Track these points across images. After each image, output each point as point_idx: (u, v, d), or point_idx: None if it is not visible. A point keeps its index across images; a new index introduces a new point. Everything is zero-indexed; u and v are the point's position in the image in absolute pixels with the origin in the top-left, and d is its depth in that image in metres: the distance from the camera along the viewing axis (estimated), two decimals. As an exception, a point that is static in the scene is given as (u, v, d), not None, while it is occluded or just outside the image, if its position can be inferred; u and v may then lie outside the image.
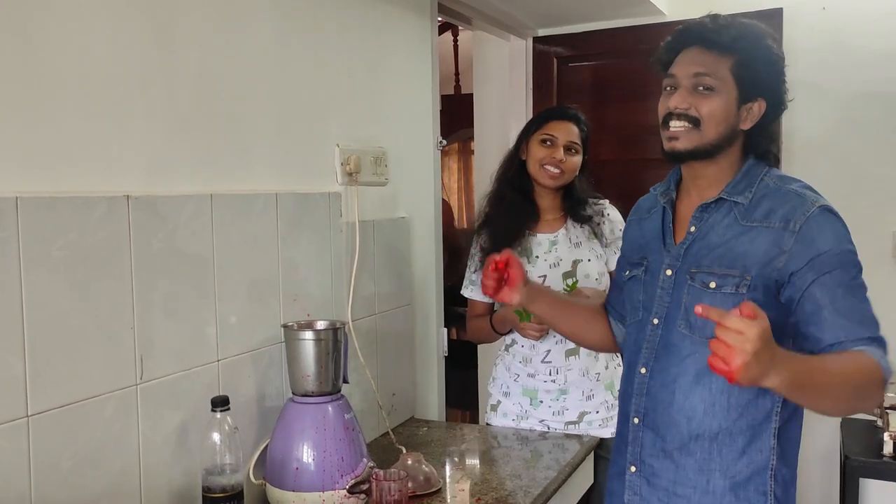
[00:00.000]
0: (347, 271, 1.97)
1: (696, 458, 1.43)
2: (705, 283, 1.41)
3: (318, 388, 1.62)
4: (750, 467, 1.41)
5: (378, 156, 2.14)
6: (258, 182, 1.72)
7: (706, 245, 1.44)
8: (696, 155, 1.43)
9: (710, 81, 1.40)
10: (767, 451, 1.41)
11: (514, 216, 2.21)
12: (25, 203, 1.20)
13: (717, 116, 1.40)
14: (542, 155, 2.17)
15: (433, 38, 2.51)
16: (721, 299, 1.38)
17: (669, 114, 1.43)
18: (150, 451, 1.43)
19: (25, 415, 1.21)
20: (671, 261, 1.48)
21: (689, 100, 1.41)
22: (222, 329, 1.60)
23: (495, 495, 1.72)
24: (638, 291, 1.54)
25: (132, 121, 1.42)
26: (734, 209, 1.42)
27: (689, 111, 1.41)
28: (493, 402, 2.32)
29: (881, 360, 1.28)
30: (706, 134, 1.41)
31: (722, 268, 1.40)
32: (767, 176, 1.44)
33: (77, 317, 1.29)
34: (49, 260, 1.24)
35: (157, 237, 1.44)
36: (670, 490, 1.46)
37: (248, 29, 1.70)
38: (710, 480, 1.43)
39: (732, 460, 1.41)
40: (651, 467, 1.49)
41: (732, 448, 1.41)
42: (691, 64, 1.42)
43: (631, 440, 1.52)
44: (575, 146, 2.20)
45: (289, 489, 1.57)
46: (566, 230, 2.22)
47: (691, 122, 1.41)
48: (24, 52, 1.23)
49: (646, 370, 1.49)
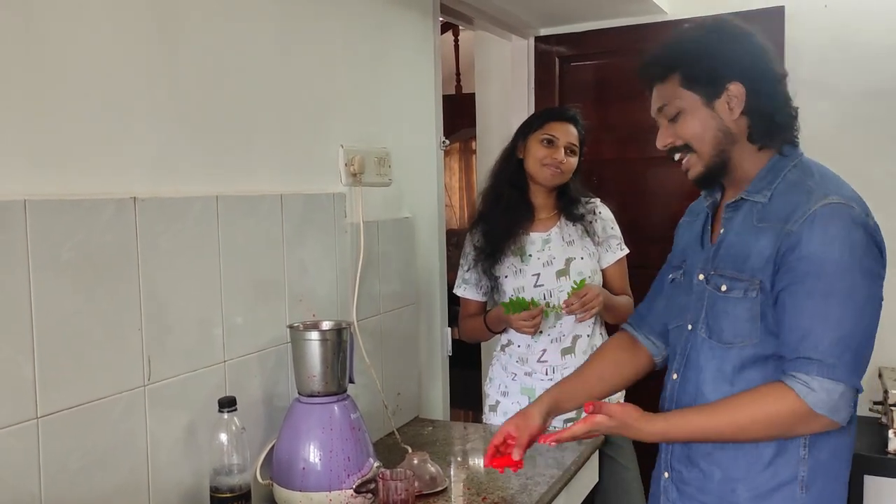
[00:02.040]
0: (352, 272, 1.98)
1: (722, 467, 1.40)
2: (718, 287, 1.39)
3: (324, 389, 1.62)
4: (775, 479, 1.36)
5: (382, 156, 2.14)
6: (263, 183, 1.73)
7: (726, 246, 1.41)
8: (714, 173, 1.41)
9: (669, 110, 1.40)
10: (795, 464, 1.35)
11: (510, 215, 2.22)
12: (34, 206, 1.21)
13: (697, 133, 1.38)
14: (542, 154, 2.18)
15: (435, 38, 2.52)
16: (733, 304, 1.36)
17: (668, 150, 1.44)
18: (159, 451, 1.44)
19: (35, 416, 1.22)
20: (703, 264, 1.45)
21: (669, 133, 1.41)
22: (229, 330, 1.60)
23: (501, 494, 1.72)
24: (679, 295, 1.52)
25: (138, 123, 1.42)
26: (753, 209, 1.38)
27: (675, 143, 1.41)
28: (492, 402, 2.32)
29: (808, 394, 1.23)
30: (703, 152, 1.39)
31: (734, 270, 1.37)
32: (792, 171, 1.37)
33: (85, 318, 1.30)
34: (57, 262, 1.25)
35: (163, 238, 1.45)
36: (698, 498, 1.44)
37: (252, 31, 1.70)
38: (734, 490, 1.39)
39: (758, 471, 1.36)
40: (680, 474, 1.47)
41: (758, 460, 1.36)
42: (654, 102, 1.44)
43: (663, 446, 1.52)
44: (573, 147, 2.21)
45: (296, 489, 1.57)
46: (559, 228, 2.23)
47: (685, 149, 1.41)
48: (31, 55, 1.23)
49: (677, 375, 1.48)
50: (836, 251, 1.25)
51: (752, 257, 1.34)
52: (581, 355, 2.18)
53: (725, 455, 1.39)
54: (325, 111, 1.95)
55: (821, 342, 1.24)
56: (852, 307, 1.25)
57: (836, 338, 1.24)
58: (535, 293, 2.19)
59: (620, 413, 1.37)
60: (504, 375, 2.28)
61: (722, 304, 1.37)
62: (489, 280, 2.25)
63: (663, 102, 1.41)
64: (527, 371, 2.22)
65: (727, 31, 1.40)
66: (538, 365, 2.20)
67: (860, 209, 1.30)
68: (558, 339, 2.18)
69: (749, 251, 1.35)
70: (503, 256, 2.21)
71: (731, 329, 1.36)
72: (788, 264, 1.28)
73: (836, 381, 1.23)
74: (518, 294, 2.18)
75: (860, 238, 1.27)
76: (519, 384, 2.24)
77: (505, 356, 2.28)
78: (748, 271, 1.34)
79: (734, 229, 1.40)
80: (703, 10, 3.06)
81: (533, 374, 2.22)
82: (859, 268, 1.26)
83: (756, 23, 1.49)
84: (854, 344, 1.25)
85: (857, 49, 3.00)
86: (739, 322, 1.35)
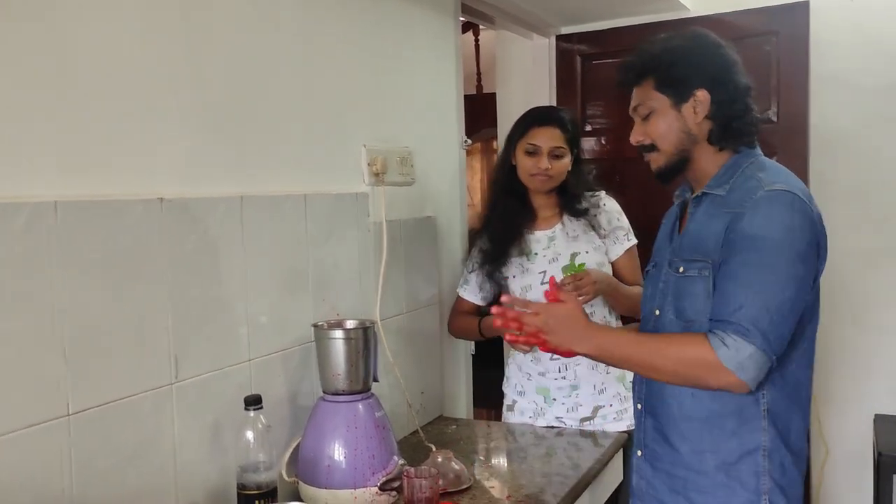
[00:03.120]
0: (375, 271, 1.99)
1: (690, 440, 1.50)
2: (677, 269, 1.51)
3: (348, 387, 1.63)
4: (740, 448, 1.46)
5: (404, 156, 2.15)
6: (287, 183, 1.74)
7: (688, 235, 1.53)
8: (670, 169, 1.54)
9: (642, 110, 1.54)
10: (759, 433, 1.46)
11: (509, 221, 2.22)
12: (63, 207, 1.23)
13: (662, 133, 1.52)
14: (528, 165, 2.18)
15: (457, 38, 2.52)
16: (690, 283, 1.47)
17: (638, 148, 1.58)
18: (186, 449, 1.46)
19: (66, 414, 1.24)
20: (671, 255, 1.56)
21: (640, 131, 1.55)
22: (253, 329, 1.62)
23: (525, 492, 1.72)
24: (648, 286, 1.64)
25: (164, 125, 1.44)
26: (714, 201, 1.49)
27: (643, 141, 1.55)
28: (509, 402, 2.32)
29: (720, 347, 1.34)
30: (664, 151, 1.53)
31: (693, 254, 1.48)
32: (750, 167, 1.49)
33: (113, 317, 1.32)
34: (86, 262, 1.27)
35: (189, 239, 1.46)
36: (670, 472, 1.54)
37: (276, 33, 1.72)
38: (702, 461, 1.49)
39: (723, 441, 1.47)
40: (654, 451, 1.58)
41: (723, 430, 1.47)
42: (630, 102, 1.58)
43: (636, 425, 1.65)
44: (559, 150, 2.17)
45: (321, 486, 1.58)
46: (562, 225, 2.23)
47: (650, 149, 1.55)
48: (61, 60, 1.25)
49: None
50: (773, 230, 1.37)
51: (708, 240, 1.45)
52: None
53: (692, 428, 1.50)
54: (347, 111, 1.96)
55: (742, 308, 1.35)
56: (777, 281, 1.36)
57: (756, 306, 1.35)
58: (541, 290, 2.18)
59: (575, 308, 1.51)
60: (520, 375, 2.28)
61: (682, 285, 1.49)
62: (494, 284, 2.24)
63: (638, 102, 1.55)
64: (540, 371, 2.22)
65: (701, 42, 1.53)
66: (551, 363, 2.20)
67: (804, 197, 1.41)
68: None
69: (707, 235, 1.46)
70: (508, 259, 2.21)
71: (692, 307, 1.46)
72: (729, 241, 1.40)
73: (747, 342, 1.34)
74: (525, 292, 2.19)
75: (798, 222, 1.38)
76: (534, 384, 2.24)
77: (520, 356, 2.27)
78: (703, 252, 1.46)
79: (696, 220, 1.52)
80: (725, 7, 3.05)
81: (546, 374, 2.21)
82: (791, 248, 1.37)
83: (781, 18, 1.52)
84: (771, 314, 1.35)
85: (882, 44, 2.96)
86: (699, 300, 1.45)
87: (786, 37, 2.94)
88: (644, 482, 1.61)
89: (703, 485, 1.50)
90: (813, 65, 2.98)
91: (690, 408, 1.49)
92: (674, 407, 1.52)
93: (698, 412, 1.49)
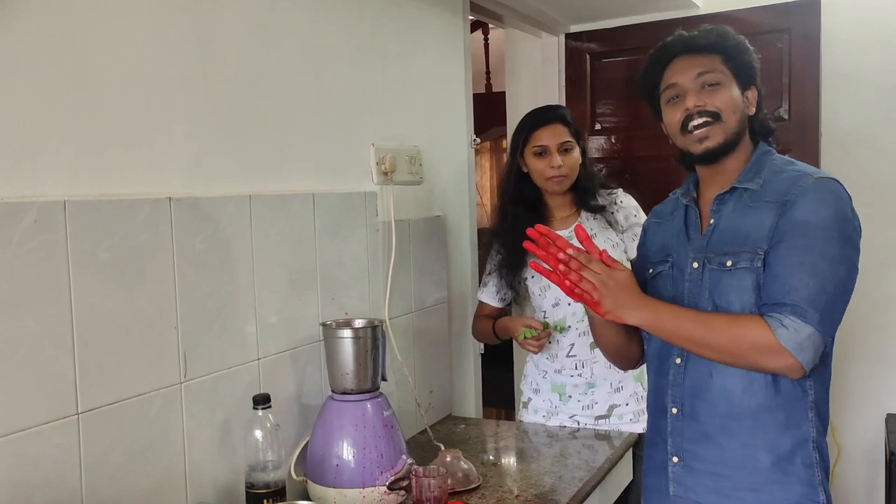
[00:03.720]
0: (384, 270, 1.99)
1: (739, 437, 1.45)
2: (722, 264, 1.45)
3: (356, 386, 1.63)
4: (792, 440, 1.43)
5: (413, 155, 2.15)
6: (295, 182, 1.75)
7: (722, 231, 1.49)
8: (727, 148, 1.48)
9: (713, 77, 1.48)
10: (807, 424, 1.44)
11: (520, 228, 2.21)
12: (73, 206, 1.23)
13: (731, 105, 1.47)
14: (541, 167, 2.17)
15: (466, 37, 2.52)
16: (739, 276, 1.43)
17: (688, 116, 1.48)
18: (195, 447, 1.46)
19: (76, 412, 1.24)
20: (695, 253, 1.51)
21: (703, 96, 1.47)
22: (262, 328, 1.62)
23: (535, 492, 1.72)
24: (666, 287, 1.56)
25: (174, 125, 1.44)
26: (744, 195, 1.47)
27: (706, 107, 1.47)
28: (525, 399, 2.32)
29: (778, 328, 1.33)
30: (728, 124, 1.47)
31: (735, 247, 1.44)
32: (776, 161, 1.50)
33: (123, 316, 1.32)
34: (96, 261, 1.27)
35: (198, 238, 1.47)
36: (715, 472, 1.48)
37: (284, 33, 1.72)
38: (755, 457, 1.44)
39: (776, 435, 1.43)
40: (693, 453, 1.50)
41: (775, 423, 1.43)
42: (690, 67, 1.50)
43: (670, 431, 1.54)
44: (568, 144, 2.18)
45: (329, 486, 1.59)
46: (580, 223, 2.22)
47: (712, 117, 1.47)
48: (71, 60, 1.26)
49: (681, 360, 1.51)
50: (822, 215, 1.37)
51: (753, 231, 1.43)
52: None
53: (743, 426, 1.45)
54: (356, 110, 1.96)
55: (797, 290, 1.35)
56: (831, 264, 1.36)
57: (811, 287, 1.34)
58: (557, 291, 2.18)
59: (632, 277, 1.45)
60: (536, 373, 2.28)
61: (728, 279, 1.44)
62: (512, 289, 2.25)
63: (706, 69, 1.48)
64: (556, 368, 2.22)
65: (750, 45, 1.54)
66: (567, 360, 2.19)
67: (846, 190, 1.42)
68: (586, 333, 2.17)
69: (747, 228, 1.44)
70: (524, 264, 2.21)
71: (738, 300, 1.43)
72: (780, 228, 1.39)
73: (805, 323, 1.33)
74: (544, 292, 2.18)
75: (847, 209, 1.40)
76: (549, 382, 2.24)
77: (538, 354, 2.27)
78: (750, 244, 1.42)
79: (727, 216, 1.49)
80: (736, 4, 3.03)
81: (562, 371, 2.21)
82: (840, 233, 1.37)
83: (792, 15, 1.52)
84: (827, 296, 1.35)
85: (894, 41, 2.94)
86: (746, 292, 1.42)
87: (797, 34, 2.92)
88: (683, 488, 1.52)
89: (756, 482, 1.44)
90: (824, 62, 2.96)
91: (740, 404, 1.44)
92: (721, 405, 1.46)
93: (748, 407, 1.44)
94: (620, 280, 1.44)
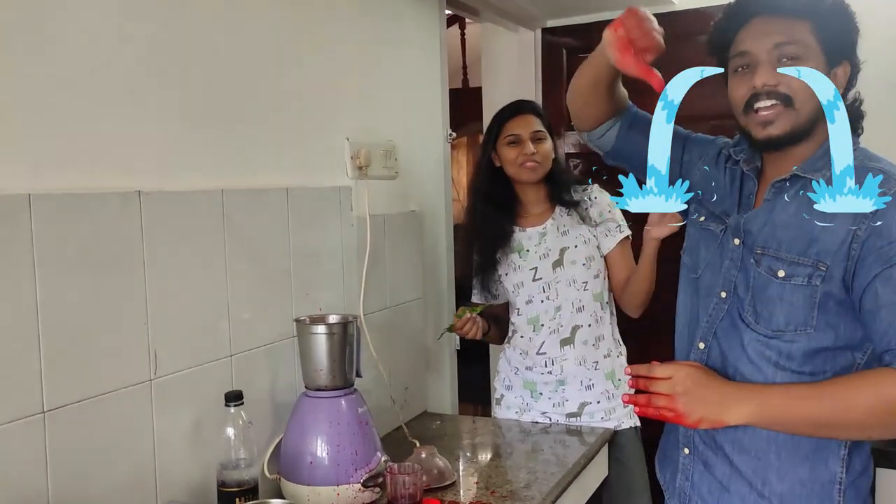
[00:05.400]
0: (359, 265, 1.97)
1: (751, 456, 1.30)
2: (773, 271, 1.26)
3: (331, 383, 1.62)
4: (813, 476, 1.26)
5: (388, 149, 2.13)
6: (269, 177, 1.72)
7: (774, 224, 1.27)
8: (794, 138, 1.26)
9: (794, 50, 1.22)
10: (836, 463, 1.26)
11: (489, 224, 2.21)
12: (38, 200, 1.20)
13: (809, 89, 1.14)
14: (513, 155, 2.16)
15: (442, 31, 2.51)
16: (791, 291, 1.23)
17: (755, 95, 1.24)
18: (165, 445, 1.44)
19: (41, 410, 1.21)
20: (735, 231, 1.32)
21: (777, 75, 1.21)
22: (235, 324, 1.60)
23: (510, 488, 1.71)
24: (710, 249, 1.37)
25: (143, 116, 1.42)
26: (809, 187, 1.21)
27: (778, 88, 1.23)
28: (497, 395, 2.32)
29: None
30: (801, 111, 1.23)
31: (792, 253, 1.24)
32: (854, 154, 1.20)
33: (91, 312, 1.29)
34: (62, 256, 1.24)
35: (169, 232, 1.44)
36: (723, 485, 1.34)
37: (258, 24, 1.69)
38: (764, 484, 1.29)
39: (793, 466, 1.27)
40: (703, 455, 1.37)
41: (795, 452, 1.26)
42: (768, 34, 1.24)
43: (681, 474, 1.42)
44: (540, 134, 2.18)
45: (303, 483, 1.57)
46: (553, 220, 2.22)
47: (782, 101, 1.23)
48: (36, 49, 1.23)
49: (704, 345, 1.35)
50: None
51: (820, 241, 1.21)
52: (581, 346, 2.16)
53: (756, 444, 1.28)
54: (330, 104, 1.94)
55: None
56: None
57: None
58: (534, 287, 2.18)
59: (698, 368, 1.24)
60: (508, 369, 2.28)
61: (777, 290, 1.25)
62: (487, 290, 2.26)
63: (787, 39, 1.23)
64: (528, 365, 2.22)
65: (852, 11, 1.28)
66: (538, 357, 2.19)
67: None
68: (556, 331, 2.17)
69: (813, 234, 1.22)
70: (496, 263, 2.21)
71: (784, 316, 1.24)
72: (877, 250, 1.16)
73: None
74: (517, 289, 2.18)
75: None
76: (521, 378, 2.24)
77: (510, 349, 2.27)
78: (812, 256, 1.22)
79: (785, 208, 1.27)
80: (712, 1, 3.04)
81: (534, 368, 2.21)
82: None
83: None
84: None
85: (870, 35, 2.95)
86: (796, 310, 1.23)
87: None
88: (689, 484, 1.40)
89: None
90: None
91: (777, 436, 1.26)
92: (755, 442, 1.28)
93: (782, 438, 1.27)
94: (695, 378, 1.22)
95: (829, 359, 1.24)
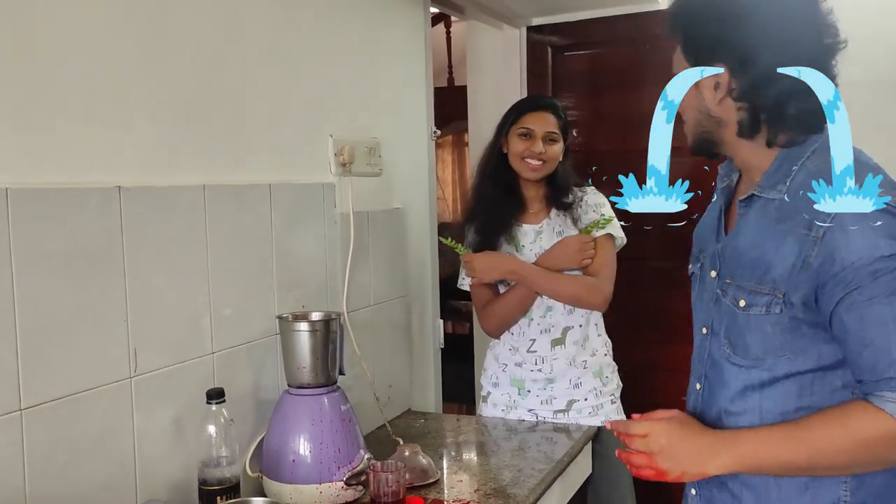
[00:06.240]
0: (342, 262, 1.96)
1: (754, 491, 1.24)
2: (736, 301, 1.22)
3: (313, 380, 1.61)
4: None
5: (372, 146, 2.12)
6: (251, 173, 1.71)
7: (739, 249, 1.24)
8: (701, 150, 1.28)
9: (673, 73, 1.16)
10: (838, 488, 1.18)
11: (496, 211, 2.20)
12: (15, 194, 1.19)
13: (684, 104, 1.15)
14: (521, 148, 2.16)
15: (426, 28, 2.50)
16: (755, 322, 1.19)
17: None
18: (146, 443, 1.42)
19: (19, 408, 1.20)
20: (712, 259, 1.30)
21: None
22: (217, 321, 1.59)
23: (494, 486, 1.71)
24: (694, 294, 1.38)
25: (126, 111, 1.40)
26: (769, 206, 1.19)
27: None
28: (484, 392, 2.31)
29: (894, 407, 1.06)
30: (688, 126, 1.27)
31: (752, 282, 1.20)
32: (811, 158, 1.17)
33: (69, 309, 1.28)
34: (41, 252, 1.23)
35: (150, 229, 1.43)
36: None
37: (243, 20, 1.68)
38: None
39: (794, 495, 1.20)
40: (710, 493, 1.30)
41: (793, 481, 1.20)
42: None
43: None
44: (553, 135, 2.17)
45: (285, 481, 1.56)
46: (549, 220, 2.22)
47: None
48: (16, 42, 1.21)
49: (700, 385, 1.33)
50: (884, 251, 1.08)
51: (775, 266, 1.16)
52: (571, 346, 2.16)
53: (758, 477, 1.22)
54: (314, 101, 1.93)
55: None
56: None
57: None
58: None
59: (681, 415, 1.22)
60: (496, 366, 2.27)
61: (743, 320, 1.21)
62: None
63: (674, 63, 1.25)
64: (517, 361, 2.21)
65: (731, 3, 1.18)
66: (528, 355, 2.19)
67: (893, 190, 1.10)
68: (548, 330, 2.17)
69: (770, 259, 1.17)
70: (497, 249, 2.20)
71: (759, 345, 1.20)
72: (833, 277, 1.10)
73: None
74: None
75: None
76: (509, 375, 2.23)
77: (499, 345, 2.26)
78: (769, 283, 1.17)
79: (748, 229, 1.22)
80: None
81: (523, 365, 2.20)
82: None
83: None
84: None
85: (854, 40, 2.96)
86: (769, 337, 1.19)
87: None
88: None
89: None
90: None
91: None
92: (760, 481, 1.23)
93: None
94: (670, 433, 1.19)
95: (818, 380, 1.18)
